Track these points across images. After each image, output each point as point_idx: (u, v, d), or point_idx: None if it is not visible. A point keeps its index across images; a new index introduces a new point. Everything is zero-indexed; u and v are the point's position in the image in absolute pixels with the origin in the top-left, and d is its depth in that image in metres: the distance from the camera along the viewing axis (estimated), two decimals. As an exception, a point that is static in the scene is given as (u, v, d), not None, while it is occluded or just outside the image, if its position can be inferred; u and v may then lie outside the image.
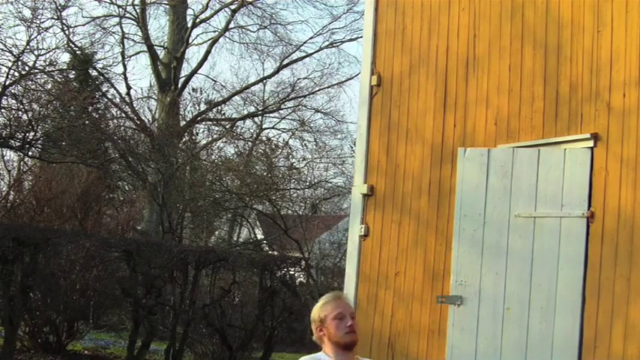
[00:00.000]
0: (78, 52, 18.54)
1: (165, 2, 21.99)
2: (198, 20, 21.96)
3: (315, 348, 3.50)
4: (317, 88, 22.44)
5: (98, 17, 20.66)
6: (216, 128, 20.87)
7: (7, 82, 13.43)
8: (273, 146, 20.34)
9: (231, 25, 22.50)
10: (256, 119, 22.81)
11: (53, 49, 15.73)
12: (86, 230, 11.57)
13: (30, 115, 13.51)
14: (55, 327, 9.88)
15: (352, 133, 21.52)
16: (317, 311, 3.48)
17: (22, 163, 15.72)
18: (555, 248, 5.60)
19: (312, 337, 3.54)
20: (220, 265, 10.60)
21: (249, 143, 21.17)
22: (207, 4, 21.84)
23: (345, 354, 3.42)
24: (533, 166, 5.80)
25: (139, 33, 21.35)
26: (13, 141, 13.38)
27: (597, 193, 5.51)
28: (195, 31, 22.60)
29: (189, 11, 22.42)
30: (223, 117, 21.57)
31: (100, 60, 19.35)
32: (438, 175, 6.62)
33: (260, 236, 20.73)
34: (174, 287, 10.40)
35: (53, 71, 15.49)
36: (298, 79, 22.50)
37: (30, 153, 14.47)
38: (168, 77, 20.95)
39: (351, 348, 3.43)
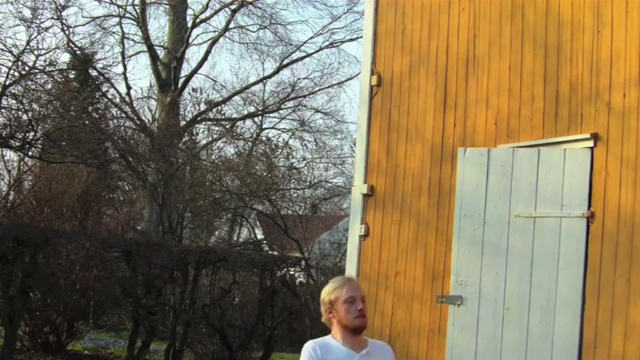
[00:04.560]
0: (78, 52, 18.54)
1: (166, 2, 22.00)
2: (198, 20, 21.98)
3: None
4: (317, 88, 22.47)
5: (98, 17, 20.71)
6: (216, 128, 20.90)
7: (7, 82, 13.44)
8: (273, 146, 20.36)
9: (231, 25, 22.53)
10: (256, 119, 22.84)
11: (53, 49, 15.76)
12: (86, 230, 11.55)
13: (30, 115, 13.50)
14: (55, 327, 9.88)
15: (352, 133, 21.56)
16: (327, 294, 3.48)
17: (22, 163, 15.72)
18: (555, 248, 5.60)
19: (322, 319, 3.53)
20: (220, 265, 10.59)
21: (249, 143, 21.18)
22: (207, 4, 21.88)
23: (354, 337, 3.44)
24: (533, 166, 5.80)
25: (139, 33, 21.37)
26: (13, 141, 13.37)
27: (597, 193, 5.51)
28: (195, 31, 22.63)
29: (189, 11, 22.46)
30: (223, 117, 21.58)
31: (100, 60, 19.36)
32: (438, 175, 6.62)
33: (260, 236, 20.72)
34: (174, 287, 10.39)
35: (53, 71, 15.49)
36: (298, 79, 22.54)
37: (30, 153, 14.47)
38: (168, 77, 20.95)
39: (360, 332, 3.46)
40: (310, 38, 35.76)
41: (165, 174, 15.86)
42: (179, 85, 21.20)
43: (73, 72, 17.98)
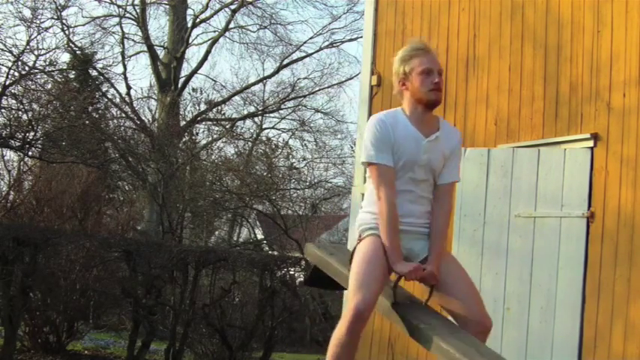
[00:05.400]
0: (78, 52, 18.54)
1: (166, 2, 22.00)
2: (198, 20, 21.98)
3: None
4: (317, 88, 22.47)
5: (98, 17, 20.72)
6: (216, 128, 20.90)
7: (7, 82, 13.44)
8: (273, 146, 20.35)
9: (231, 25, 22.54)
10: (256, 119, 22.83)
11: (53, 49, 15.78)
12: (86, 230, 11.54)
13: (30, 115, 13.50)
14: (55, 327, 9.87)
15: (352, 133, 21.55)
16: (402, 62, 3.24)
17: (22, 163, 15.71)
18: (555, 248, 5.60)
19: (393, 92, 3.29)
20: (220, 265, 10.58)
21: (249, 143, 21.18)
22: (207, 4, 21.88)
23: (425, 112, 3.20)
24: (533, 166, 5.81)
25: (139, 33, 21.37)
26: (13, 141, 13.37)
27: (597, 193, 5.51)
28: (195, 31, 22.68)
29: (189, 11, 22.46)
30: (223, 117, 21.57)
31: (100, 60, 19.37)
32: (438, 175, 6.61)
33: (260, 236, 20.73)
34: (174, 287, 10.38)
35: (53, 71, 15.49)
36: (298, 79, 22.54)
37: (30, 153, 14.46)
38: (168, 77, 20.95)
39: (433, 107, 3.21)
40: (310, 38, 35.80)
41: (165, 174, 15.86)
42: (179, 85, 21.20)
43: (73, 72, 17.98)
